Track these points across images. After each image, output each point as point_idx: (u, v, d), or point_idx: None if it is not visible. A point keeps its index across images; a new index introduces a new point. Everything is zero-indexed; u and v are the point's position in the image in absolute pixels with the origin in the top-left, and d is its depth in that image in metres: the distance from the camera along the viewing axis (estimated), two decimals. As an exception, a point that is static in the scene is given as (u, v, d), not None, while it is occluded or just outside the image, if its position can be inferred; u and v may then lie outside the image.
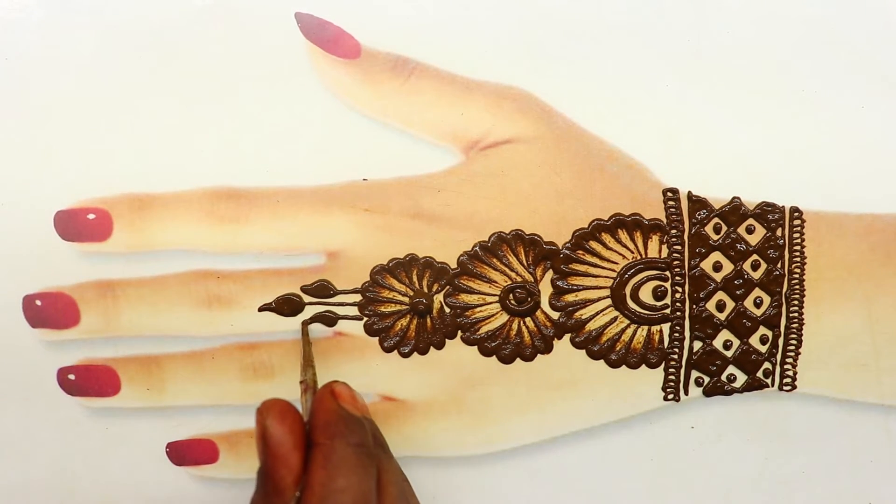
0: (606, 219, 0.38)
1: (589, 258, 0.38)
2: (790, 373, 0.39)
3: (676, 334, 0.39)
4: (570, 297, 0.38)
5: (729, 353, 0.39)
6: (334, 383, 0.33)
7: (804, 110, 0.38)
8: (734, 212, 0.38)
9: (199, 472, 0.39)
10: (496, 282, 0.38)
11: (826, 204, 0.39)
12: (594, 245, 0.38)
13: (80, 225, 0.37)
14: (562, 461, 0.39)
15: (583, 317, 0.39)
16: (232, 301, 0.37)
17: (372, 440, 0.32)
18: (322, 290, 0.38)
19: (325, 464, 0.29)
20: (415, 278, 0.38)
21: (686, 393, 0.39)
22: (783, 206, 0.39)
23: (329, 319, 0.38)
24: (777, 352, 0.39)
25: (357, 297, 0.38)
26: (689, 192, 0.38)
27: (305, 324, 0.37)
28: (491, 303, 0.38)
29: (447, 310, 0.38)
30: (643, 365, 0.39)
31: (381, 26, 0.37)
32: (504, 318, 0.38)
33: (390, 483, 0.31)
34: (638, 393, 0.39)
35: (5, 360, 0.38)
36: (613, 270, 0.38)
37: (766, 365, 0.39)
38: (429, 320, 0.38)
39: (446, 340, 0.38)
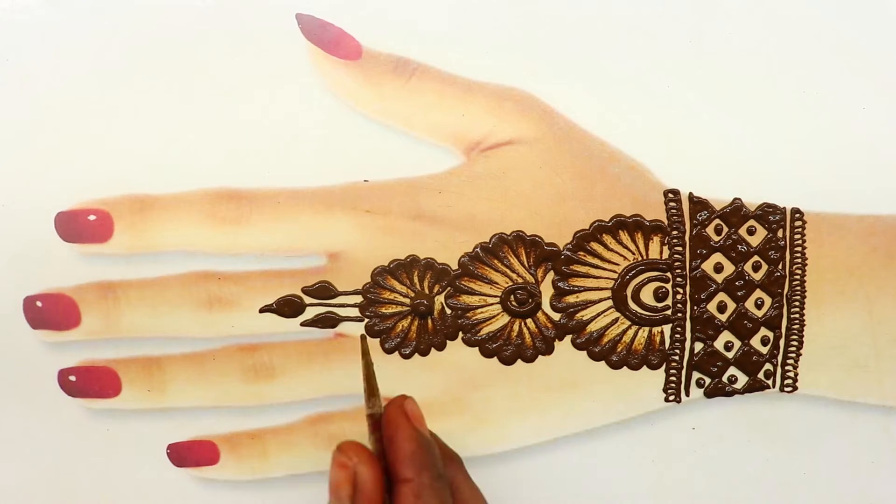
0: (608, 220, 0.38)
1: (590, 259, 0.38)
2: (791, 374, 0.39)
3: (678, 335, 0.39)
4: (571, 299, 0.38)
5: (730, 355, 0.39)
6: (404, 402, 0.33)
7: (804, 111, 0.38)
8: (735, 213, 0.38)
9: (199, 474, 0.39)
10: (497, 283, 0.38)
11: (827, 205, 0.39)
12: (595, 246, 0.38)
13: (80, 226, 0.37)
14: (563, 462, 0.39)
15: (584, 318, 0.39)
16: (233, 302, 0.37)
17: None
18: (323, 291, 0.38)
19: (417, 503, 0.30)
20: (416, 279, 0.38)
21: (687, 394, 0.39)
22: (784, 208, 0.39)
23: (330, 321, 0.38)
24: (778, 353, 0.39)
25: (358, 299, 0.38)
26: (691, 194, 0.38)
27: (363, 340, 0.35)
28: (492, 304, 0.38)
29: (448, 311, 0.38)
30: (644, 366, 0.39)
31: (383, 27, 0.37)
32: (505, 319, 0.38)
33: (470, 495, 0.32)
34: (639, 394, 0.39)
35: (6, 361, 0.38)
36: (614, 272, 0.38)
37: (768, 366, 0.39)
38: (430, 321, 0.38)
39: (447, 342, 0.38)
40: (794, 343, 0.39)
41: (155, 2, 0.37)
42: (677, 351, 0.39)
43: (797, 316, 0.39)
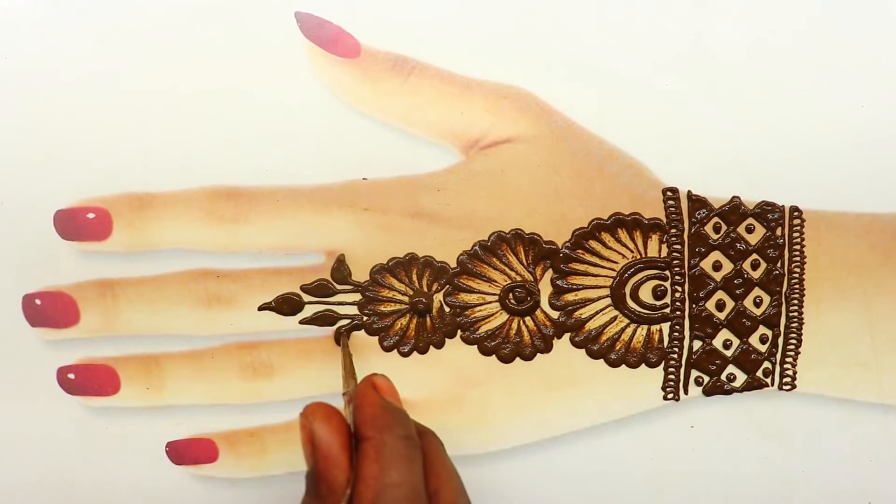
0: (606, 218, 0.38)
1: (588, 257, 0.38)
2: (790, 372, 0.39)
3: (676, 334, 0.39)
4: (569, 297, 0.38)
5: (729, 353, 0.39)
6: (374, 376, 0.33)
7: (803, 109, 0.38)
8: (734, 211, 0.38)
9: (198, 472, 0.39)
10: (496, 281, 0.38)
11: (826, 203, 0.39)
12: (594, 244, 0.38)
13: (79, 224, 0.37)
14: (561, 461, 0.39)
15: (582, 316, 0.39)
16: (232, 300, 0.37)
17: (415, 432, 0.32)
18: (322, 289, 0.38)
19: (378, 458, 0.29)
20: (414, 277, 0.38)
21: (686, 392, 0.39)
22: (783, 206, 0.39)
23: (329, 319, 0.38)
24: (777, 351, 0.39)
25: (357, 297, 0.38)
26: (689, 192, 0.38)
27: (344, 335, 0.37)
28: (490, 302, 0.38)
29: (447, 309, 0.38)
30: (643, 364, 0.39)
31: (381, 25, 0.37)
32: (504, 317, 0.38)
33: (443, 468, 0.32)
34: (638, 392, 0.39)
35: (5, 359, 0.38)
36: (613, 270, 0.38)
37: (766, 364, 0.39)
38: (428, 319, 0.38)
39: (446, 340, 0.38)
40: (793, 341, 0.39)
41: (154, 1, 0.37)
42: (676, 349, 0.39)
43: (796, 314, 0.39)
